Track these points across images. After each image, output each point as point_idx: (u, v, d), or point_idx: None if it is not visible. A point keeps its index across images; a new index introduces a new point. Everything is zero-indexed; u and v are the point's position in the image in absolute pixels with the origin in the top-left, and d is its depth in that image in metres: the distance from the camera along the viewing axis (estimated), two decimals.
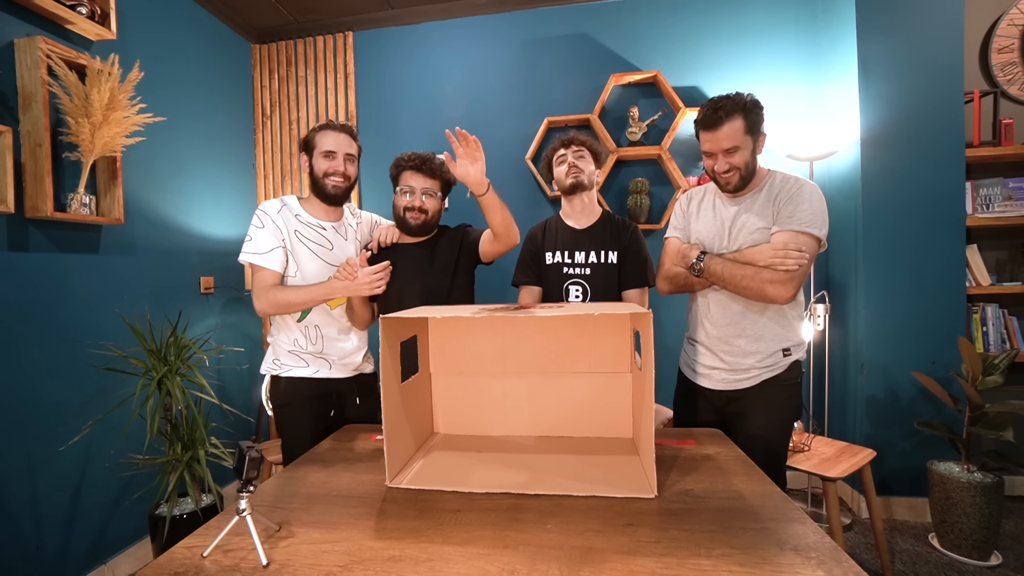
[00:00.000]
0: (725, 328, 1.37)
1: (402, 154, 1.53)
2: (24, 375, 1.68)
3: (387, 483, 0.97)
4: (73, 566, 1.80)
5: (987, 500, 1.88)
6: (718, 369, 1.40)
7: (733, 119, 1.25)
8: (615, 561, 0.69)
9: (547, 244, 1.63)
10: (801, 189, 1.28)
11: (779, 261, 1.23)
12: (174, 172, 2.33)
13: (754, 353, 1.35)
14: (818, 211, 1.25)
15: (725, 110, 1.25)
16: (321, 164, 1.44)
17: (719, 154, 1.29)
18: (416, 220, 1.49)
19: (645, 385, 0.93)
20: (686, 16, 2.59)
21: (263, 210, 1.43)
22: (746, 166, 1.28)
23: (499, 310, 1.02)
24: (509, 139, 2.70)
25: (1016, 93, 2.39)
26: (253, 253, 1.39)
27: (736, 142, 1.26)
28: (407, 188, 1.49)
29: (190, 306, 2.38)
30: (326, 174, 1.44)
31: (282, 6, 2.68)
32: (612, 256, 1.57)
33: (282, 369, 1.47)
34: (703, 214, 1.44)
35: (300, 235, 1.44)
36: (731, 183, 1.31)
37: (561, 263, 1.58)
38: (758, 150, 1.31)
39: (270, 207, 1.44)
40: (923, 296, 2.21)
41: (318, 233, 1.47)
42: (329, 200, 1.47)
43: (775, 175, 1.34)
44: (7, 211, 1.57)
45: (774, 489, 0.91)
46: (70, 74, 1.69)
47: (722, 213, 1.38)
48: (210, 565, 0.72)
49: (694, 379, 1.46)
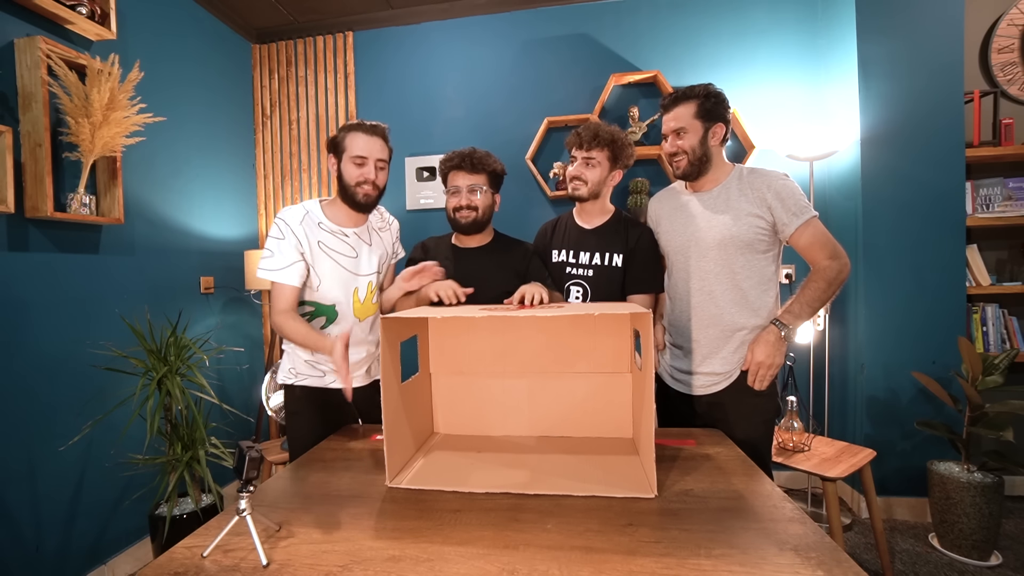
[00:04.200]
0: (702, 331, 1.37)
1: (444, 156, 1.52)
2: (24, 375, 1.68)
3: (387, 483, 0.97)
4: (73, 566, 1.80)
5: (987, 500, 1.88)
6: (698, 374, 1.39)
7: (685, 103, 1.32)
8: (615, 561, 0.69)
9: (555, 242, 1.60)
10: (784, 183, 1.31)
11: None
12: (174, 172, 2.33)
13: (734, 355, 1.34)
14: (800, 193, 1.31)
15: (679, 94, 1.34)
16: (352, 171, 1.35)
17: (670, 137, 1.34)
18: (466, 218, 1.47)
19: (645, 385, 0.93)
20: (686, 16, 2.59)
21: (284, 220, 1.34)
22: (693, 150, 1.32)
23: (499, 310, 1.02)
24: (509, 139, 2.70)
25: (1016, 93, 2.39)
26: (271, 270, 1.32)
27: (683, 123, 1.32)
28: (453, 188, 1.48)
29: (190, 306, 2.38)
30: (357, 183, 1.35)
31: (282, 6, 2.68)
32: (617, 259, 1.50)
33: (298, 379, 1.43)
34: (675, 216, 1.43)
35: (323, 245, 1.37)
36: (680, 167, 1.35)
37: (565, 262, 1.56)
38: (712, 141, 1.33)
39: (292, 216, 1.35)
40: (923, 296, 2.21)
41: (341, 241, 1.40)
42: (360, 208, 1.40)
43: (741, 168, 1.37)
44: (7, 211, 1.57)
45: (774, 489, 0.91)
46: (70, 74, 1.69)
47: (695, 210, 1.38)
48: (210, 565, 0.72)
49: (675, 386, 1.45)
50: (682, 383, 1.43)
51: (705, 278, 1.35)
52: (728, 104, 1.35)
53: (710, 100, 1.31)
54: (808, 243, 1.29)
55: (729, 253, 1.32)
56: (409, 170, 2.80)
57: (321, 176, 2.88)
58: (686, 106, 1.32)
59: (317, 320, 1.40)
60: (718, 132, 1.34)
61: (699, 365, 1.38)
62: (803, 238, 1.29)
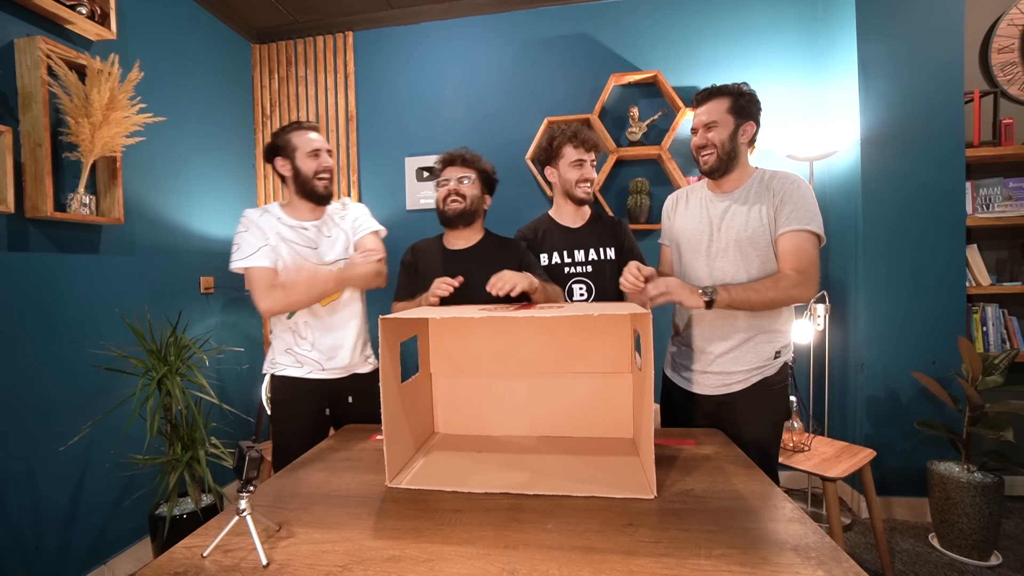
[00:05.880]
0: (717, 331, 1.36)
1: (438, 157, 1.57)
2: (24, 375, 1.68)
3: (387, 483, 0.97)
4: (73, 566, 1.80)
5: (987, 500, 1.88)
6: (709, 373, 1.38)
7: (718, 98, 1.32)
8: (615, 561, 0.69)
9: (543, 246, 1.60)
10: (798, 186, 1.29)
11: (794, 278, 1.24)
12: (174, 172, 2.33)
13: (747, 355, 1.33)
14: (814, 206, 1.28)
15: (713, 90, 1.34)
16: (310, 164, 1.45)
17: (700, 130, 1.34)
18: (455, 206, 1.47)
19: (645, 385, 0.93)
20: (686, 16, 2.59)
21: (246, 216, 1.44)
22: (722, 145, 1.31)
23: (499, 310, 1.02)
24: (509, 139, 2.70)
25: (1016, 93, 2.39)
26: (242, 258, 1.39)
27: (715, 117, 1.31)
28: (443, 181, 1.51)
29: (190, 306, 2.38)
30: (317, 174, 1.45)
31: (282, 6, 2.68)
32: (610, 252, 1.57)
33: (277, 368, 1.49)
34: (690, 211, 1.43)
35: (283, 237, 1.44)
36: (708, 162, 1.34)
37: (561, 264, 1.57)
38: (742, 139, 1.32)
39: (251, 213, 1.45)
40: (923, 296, 2.21)
41: (301, 234, 1.47)
42: (321, 200, 1.48)
43: (764, 171, 1.35)
44: (7, 211, 1.57)
45: (774, 489, 0.91)
46: (70, 74, 1.69)
47: (710, 209, 1.38)
48: (210, 565, 0.72)
49: (684, 385, 1.44)
50: (689, 381, 1.42)
51: (723, 279, 1.34)
52: (760, 106, 1.34)
53: (744, 98, 1.31)
54: (789, 250, 1.26)
55: (747, 254, 1.31)
56: (409, 170, 2.80)
57: None
58: (719, 101, 1.31)
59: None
60: (748, 130, 1.33)
61: (710, 364, 1.37)
62: (788, 243, 1.26)
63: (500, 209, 2.71)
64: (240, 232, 1.42)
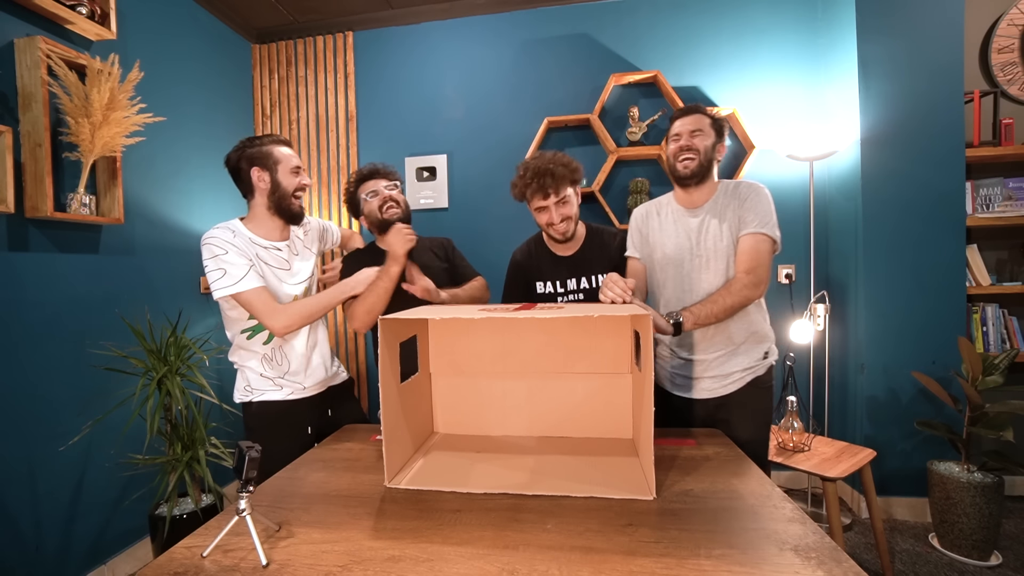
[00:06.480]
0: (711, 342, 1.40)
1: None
2: (24, 375, 1.68)
3: (386, 483, 0.97)
4: (73, 566, 1.80)
5: (987, 500, 1.88)
6: (706, 378, 1.42)
7: (702, 114, 1.42)
8: (615, 561, 0.69)
9: (536, 274, 1.60)
10: (759, 193, 1.36)
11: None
12: (174, 172, 2.33)
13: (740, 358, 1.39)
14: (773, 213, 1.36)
15: (698, 106, 1.45)
16: (291, 180, 1.39)
17: (685, 135, 1.39)
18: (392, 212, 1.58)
19: (645, 386, 0.93)
20: (686, 16, 2.59)
21: (217, 238, 1.29)
22: (705, 152, 1.38)
23: (499, 310, 1.02)
24: (509, 139, 2.70)
25: (1016, 93, 2.39)
26: (233, 283, 1.26)
27: (701, 127, 1.39)
28: (372, 192, 1.58)
29: (190, 306, 2.38)
30: (296, 192, 1.40)
31: (282, 6, 2.68)
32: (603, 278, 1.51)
33: (255, 395, 1.40)
34: (664, 227, 1.46)
35: (260, 259, 1.36)
36: (689, 167, 1.38)
37: (555, 293, 1.58)
38: (718, 155, 1.42)
39: (223, 235, 1.30)
40: (923, 296, 2.21)
41: (275, 255, 1.40)
42: (294, 219, 1.43)
43: (727, 182, 1.44)
44: (7, 211, 1.57)
45: (774, 489, 0.91)
46: (70, 74, 1.69)
47: (685, 224, 1.43)
48: (210, 565, 0.72)
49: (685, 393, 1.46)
50: (684, 388, 1.46)
51: (707, 290, 1.38)
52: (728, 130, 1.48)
53: (722, 121, 1.43)
54: (744, 250, 1.33)
55: (728, 265, 1.37)
56: (409, 170, 2.80)
57: (321, 176, 2.88)
58: (703, 117, 1.41)
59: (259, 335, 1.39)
60: (722, 150, 1.43)
61: (703, 372, 1.42)
62: (745, 244, 1.34)
63: (500, 209, 2.72)
64: (218, 255, 1.27)
